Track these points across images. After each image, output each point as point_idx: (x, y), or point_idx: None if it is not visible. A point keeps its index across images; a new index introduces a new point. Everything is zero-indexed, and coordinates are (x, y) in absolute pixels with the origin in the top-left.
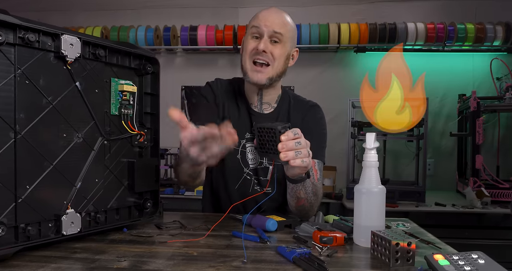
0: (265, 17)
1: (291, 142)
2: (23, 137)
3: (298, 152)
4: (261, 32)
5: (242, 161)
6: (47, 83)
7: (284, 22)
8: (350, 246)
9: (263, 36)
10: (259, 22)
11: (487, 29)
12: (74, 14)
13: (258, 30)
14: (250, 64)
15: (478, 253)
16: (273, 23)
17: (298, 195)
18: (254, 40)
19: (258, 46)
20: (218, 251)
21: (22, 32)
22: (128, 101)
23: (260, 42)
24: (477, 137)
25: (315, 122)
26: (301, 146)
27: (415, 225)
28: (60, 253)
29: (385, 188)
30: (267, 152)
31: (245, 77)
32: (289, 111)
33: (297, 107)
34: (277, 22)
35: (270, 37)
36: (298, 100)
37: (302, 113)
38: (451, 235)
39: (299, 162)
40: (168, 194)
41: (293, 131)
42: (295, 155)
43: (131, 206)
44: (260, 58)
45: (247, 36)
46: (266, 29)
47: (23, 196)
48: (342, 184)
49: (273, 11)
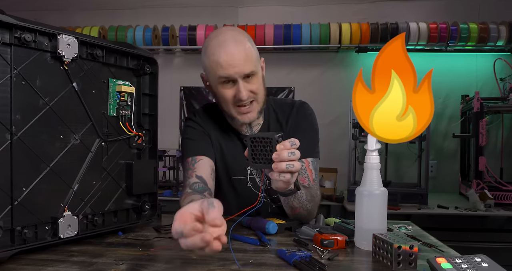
0: (228, 63)
1: (285, 151)
2: (19, 138)
3: (290, 165)
4: (232, 79)
5: (254, 187)
6: (43, 84)
7: (247, 54)
8: (352, 249)
9: (236, 82)
10: (226, 70)
11: (491, 29)
12: (71, 13)
13: (229, 78)
14: (235, 109)
15: (481, 256)
16: (240, 64)
17: (291, 205)
18: (229, 87)
19: (240, 96)
20: (217, 254)
21: (19, 32)
22: (126, 102)
23: (238, 89)
24: (480, 138)
25: (304, 119)
26: (295, 157)
27: (418, 227)
28: (57, 256)
29: (387, 190)
30: (260, 162)
31: (232, 120)
32: (277, 118)
33: (282, 112)
34: (243, 62)
35: (243, 79)
36: (281, 104)
37: (289, 114)
38: (454, 238)
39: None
40: (167, 197)
41: (290, 141)
42: (285, 167)
43: (129, 209)
44: (244, 104)
45: (216, 84)
46: (237, 75)
47: (19, 198)
48: (343, 186)
49: (229, 48)
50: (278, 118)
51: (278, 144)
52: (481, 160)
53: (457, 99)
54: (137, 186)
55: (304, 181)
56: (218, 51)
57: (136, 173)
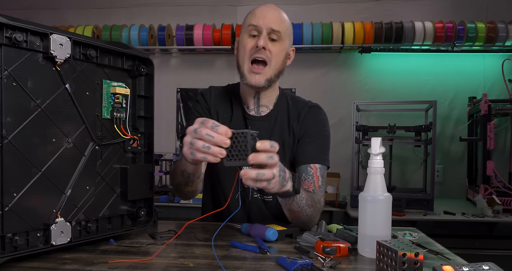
0: (263, 14)
1: (263, 154)
2: (10, 141)
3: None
4: (259, 30)
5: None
6: (35, 85)
7: (282, 19)
8: (355, 257)
9: (261, 34)
10: (257, 20)
11: (499, 28)
12: (63, 12)
13: (256, 28)
14: (248, 65)
15: (489, 264)
16: (271, 20)
17: (289, 208)
18: (252, 39)
19: (258, 42)
20: (215, 262)
21: (9, 32)
22: (121, 105)
23: (259, 38)
24: (488, 142)
25: (316, 124)
26: (273, 162)
27: (423, 234)
28: (49, 264)
29: (392, 195)
30: (235, 159)
31: (242, 79)
32: (288, 112)
33: (296, 108)
34: (274, 19)
35: (268, 34)
36: (297, 101)
37: (301, 115)
38: (460, 245)
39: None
40: (163, 202)
41: (270, 142)
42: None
43: (124, 215)
44: (259, 56)
45: (243, 34)
46: (264, 26)
47: (10, 204)
48: (346, 191)
49: (269, 7)
50: (289, 112)
51: (258, 141)
52: (489, 164)
53: (464, 102)
54: (132, 191)
55: (310, 186)
56: (259, 7)
57: (131, 177)
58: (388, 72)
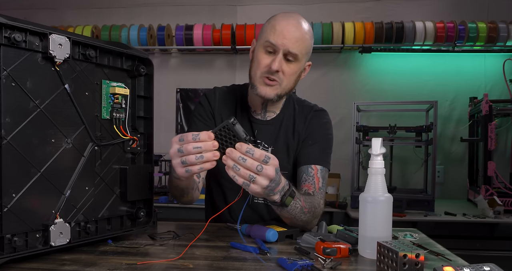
0: (283, 33)
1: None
2: (9, 142)
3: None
4: (275, 49)
5: None
6: (34, 86)
7: (302, 39)
8: (355, 258)
9: (277, 54)
10: (275, 38)
11: (500, 28)
12: (63, 12)
13: (273, 47)
14: (261, 77)
15: (490, 265)
16: (290, 41)
17: (279, 214)
18: (267, 56)
19: (272, 65)
20: (215, 263)
21: (8, 32)
22: (120, 105)
23: (274, 60)
24: (489, 142)
25: (320, 127)
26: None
27: (424, 235)
28: (48, 265)
29: (392, 196)
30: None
31: (252, 88)
32: (294, 117)
33: (302, 112)
34: (294, 40)
35: (284, 55)
36: (303, 105)
37: (307, 118)
38: (461, 246)
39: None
40: (163, 203)
41: (248, 147)
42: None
43: (123, 216)
44: (271, 77)
45: (259, 47)
46: (282, 47)
47: (9, 204)
48: (347, 192)
49: (291, 25)
50: (295, 116)
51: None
52: (490, 165)
53: (465, 102)
54: (131, 192)
55: (310, 187)
56: (281, 20)
57: (130, 178)
58: (389, 73)
